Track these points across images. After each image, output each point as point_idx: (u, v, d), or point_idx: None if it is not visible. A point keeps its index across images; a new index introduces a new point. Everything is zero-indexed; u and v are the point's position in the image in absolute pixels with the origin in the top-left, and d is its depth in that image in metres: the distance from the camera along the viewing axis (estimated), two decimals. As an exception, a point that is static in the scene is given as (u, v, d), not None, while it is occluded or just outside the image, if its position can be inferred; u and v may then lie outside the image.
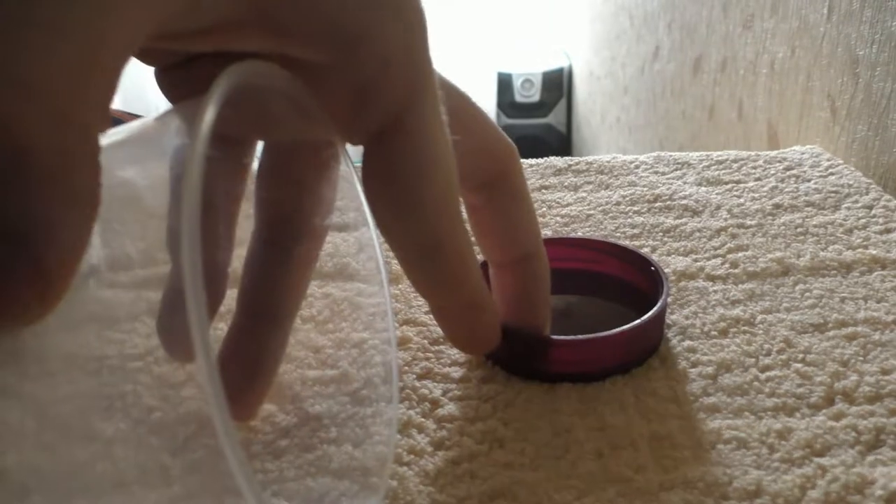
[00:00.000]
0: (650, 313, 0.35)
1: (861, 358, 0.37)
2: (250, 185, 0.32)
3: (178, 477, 0.32)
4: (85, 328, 0.43)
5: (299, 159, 0.28)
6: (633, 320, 0.35)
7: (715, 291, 0.43)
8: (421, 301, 0.44)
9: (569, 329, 0.35)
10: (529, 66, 2.43)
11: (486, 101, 2.41)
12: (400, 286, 0.45)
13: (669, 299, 0.43)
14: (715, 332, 0.39)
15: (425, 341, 0.40)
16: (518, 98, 2.46)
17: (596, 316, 0.41)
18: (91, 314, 0.44)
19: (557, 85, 2.43)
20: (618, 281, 0.41)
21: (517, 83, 2.44)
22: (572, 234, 0.44)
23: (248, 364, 0.30)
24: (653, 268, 0.39)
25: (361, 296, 0.45)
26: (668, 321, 0.41)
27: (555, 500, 0.29)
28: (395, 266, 0.48)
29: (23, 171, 0.12)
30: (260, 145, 0.30)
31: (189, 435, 0.34)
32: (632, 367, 0.36)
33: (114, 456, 0.33)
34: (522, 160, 0.65)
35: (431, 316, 0.41)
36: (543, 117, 2.48)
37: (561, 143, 2.51)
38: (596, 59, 2.03)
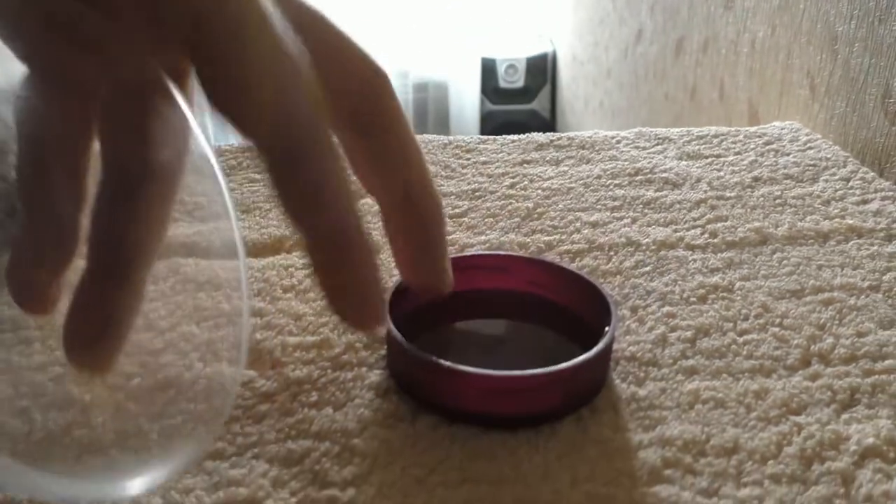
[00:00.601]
0: (596, 348, 0.31)
1: (837, 322, 0.37)
2: None
3: (156, 442, 0.31)
4: (62, 299, 0.42)
5: (123, 99, 0.27)
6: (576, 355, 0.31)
7: (694, 260, 0.43)
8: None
9: (499, 360, 0.34)
10: (513, 52, 2.42)
11: (471, 86, 2.41)
12: (381, 256, 0.45)
13: (648, 268, 0.43)
14: (694, 299, 0.40)
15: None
16: (502, 84, 2.45)
17: (534, 348, 0.37)
18: (69, 284, 0.43)
19: (542, 70, 2.43)
20: (566, 311, 0.37)
21: (501, 69, 2.44)
22: (527, 255, 0.40)
23: (99, 316, 0.29)
24: (606, 299, 0.35)
25: (342, 266, 0.44)
26: (647, 288, 0.41)
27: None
28: (377, 237, 0.48)
29: None
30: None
31: (167, 401, 0.34)
32: (565, 413, 0.31)
33: (92, 422, 0.33)
34: (505, 136, 0.65)
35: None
36: (528, 103, 2.48)
37: (545, 129, 2.50)
38: (579, 43, 2.03)
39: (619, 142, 0.63)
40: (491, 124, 2.51)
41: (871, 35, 0.60)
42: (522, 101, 2.51)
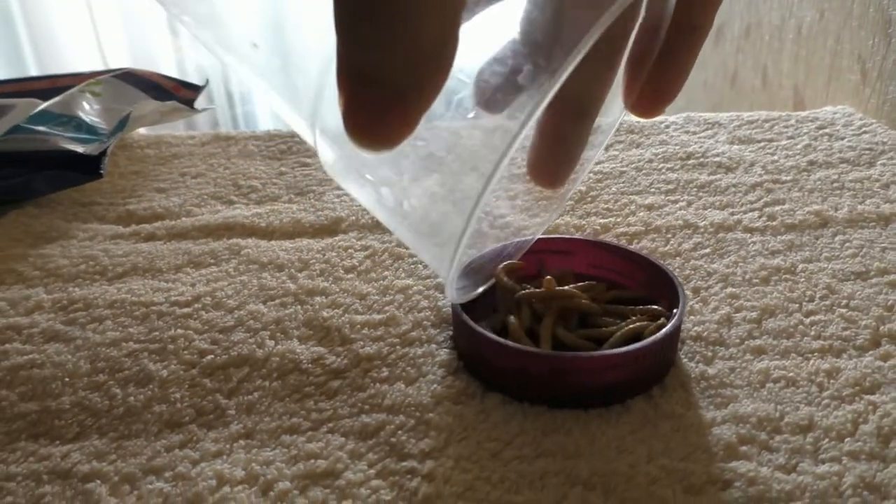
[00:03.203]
0: (665, 329, 0.32)
1: (905, 303, 0.37)
2: None
3: (235, 416, 0.32)
4: (129, 278, 0.44)
5: None
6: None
7: (754, 242, 0.43)
8: (461, 252, 0.44)
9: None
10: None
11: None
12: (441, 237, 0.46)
13: (707, 250, 0.43)
14: (756, 280, 0.40)
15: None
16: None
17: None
18: (134, 265, 0.44)
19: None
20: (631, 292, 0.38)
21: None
22: (590, 238, 0.40)
23: (561, 148, 0.31)
24: (672, 280, 0.35)
25: (401, 247, 0.45)
26: (708, 269, 0.41)
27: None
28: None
29: (412, 49, 0.18)
30: None
31: (242, 377, 0.35)
32: (635, 391, 0.32)
33: (170, 398, 0.33)
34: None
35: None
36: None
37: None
38: (611, 32, 2.02)
39: (667, 126, 0.62)
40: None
41: (928, 17, 0.59)
42: (552, 91, 2.49)
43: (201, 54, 2.39)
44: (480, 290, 0.37)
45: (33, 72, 2.01)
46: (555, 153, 0.31)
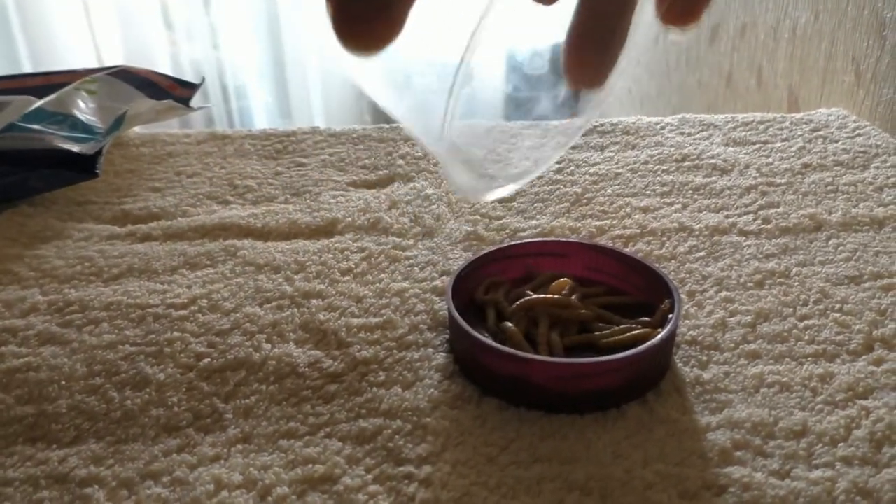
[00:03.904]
0: (660, 335, 0.32)
1: (898, 308, 0.37)
2: None
3: (233, 421, 0.32)
4: (125, 280, 0.44)
5: None
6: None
7: (748, 246, 0.43)
8: (457, 255, 0.44)
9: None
10: (539, 40, 2.41)
11: (497, 73, 2.40)
12: (435, 239, 0.46)
13: (702, 253, 0.43)
14: (751, 284, 0.40)
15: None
16: (527, 71, 2.44)
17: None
18: (130, 267, 0.44)
19: (566, 57, 2.42)
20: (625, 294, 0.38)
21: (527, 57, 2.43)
22: (584, 241, 0.40)
23: (598, 35, 0.29)
24: (667, 284, 0.35)
25: (397, 249, 0.45)
26: (703, 273, 0.41)
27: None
28: (429, 221, 0.48)
29: None
30: None
31: (239, 381, 0.35)
32: (630, 396, 0.32)
33: (167, 402, 0.33)
34: (548, 122, 0.65)
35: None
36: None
37: (569, 116, 2.50)
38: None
39: (663, 128, 0.63)
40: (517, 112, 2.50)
41: (922, 20, 0.59)
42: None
43: (196, 48, 2.38)
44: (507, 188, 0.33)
45: (27, 66, 2.00)
46: (595, 40, 0.28)
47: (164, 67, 2.37)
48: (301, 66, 2.44)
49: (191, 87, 0.65)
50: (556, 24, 0.25)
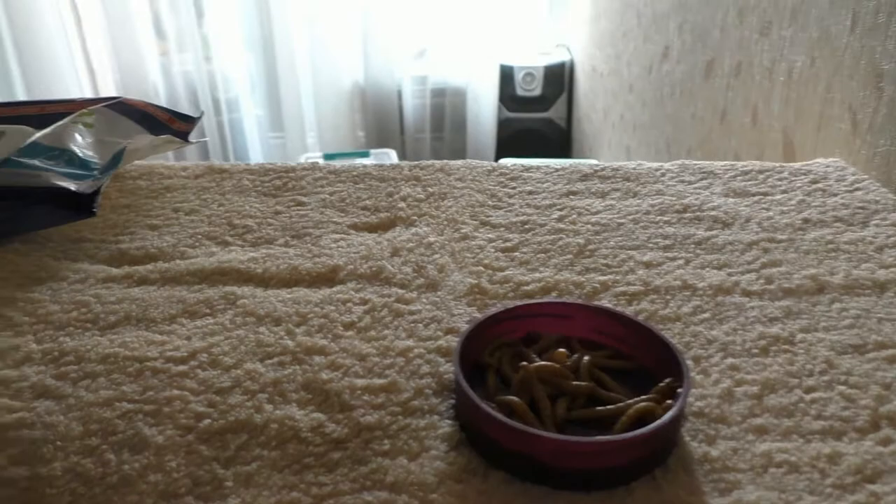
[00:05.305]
0: (670, 413, 0.32)
1: (902, 381, 0.37)
2: None
3: (233, 489, 0.31)
4: (122, 329, 0.43)
5: None
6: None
7: (752, 308, 0.43)
8: (461, 310, 0.44)
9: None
10: (531, 60, 2.42)
11: (488, 93, 2.41)
12: (439, 293, 0.45)
13: (706, 315, 0.43)
14: (756, 350, 0.40)
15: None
16: (519, 91, 2.45)
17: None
18: (127, 314, 0.43)
19: (559, 79, 2.43)
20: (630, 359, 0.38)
21: (519, 76, 2.43)
22: (591, 304, 0.39)
23: None
24: (677, 356, 0.35)
25: (400, 302, 0.44)
26: (708, 336, 0.41)
27: None
28: (432, 272, 0.48)
29: None
30: None
31: (240, 445, 0.34)
32: (639, 474, 0.32)
33: (165, 466, 0.33)
34: (535, 160, 0.65)
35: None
36: (544, 111, 2.48)
37: (561, 137, 2.51)
38: (600, 55, 2.03)
39: (663, 174, 0.63)
40: (507, 131, 2.51)
41: (920, 77, 0.60)
42: (539, 110, 2.50)
43: (188, 60, 2.37)
44: None
45: (16, 75, 1.98)
46: None
47: (156, 77, 2.36)
48: (294, 79, 2.43)
49: (189, 121, 0.65)
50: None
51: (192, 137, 0.64)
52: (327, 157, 2.05)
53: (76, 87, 2.19)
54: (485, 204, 0.58)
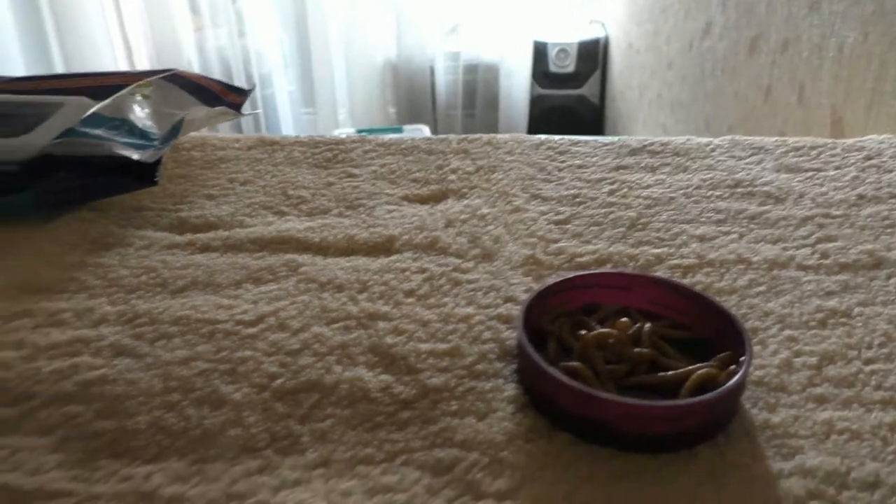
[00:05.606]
0: (734, 379, 0.33)
1: (963, 355, 0.37)
2: None
3: (310, 444, 0.33)
4: (190, 293, 0.44)
5: None
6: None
7: (808, 282, 0.44)
8: (518, 280, 0.44)
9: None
10: (565, 36, 2.39)
11: (521, 69, 2.39)
12: (495, 263, 0.46)
13: (762, 288, 0.43)
14: (814, 323, 0.40)
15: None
16: (552, 68, 2.43)
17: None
18: (194, 279, 0.45)
19: (592, 56, 2.40)
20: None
21: (552, 53, 2.41)
22: (649, 275, 0.40)
23: None
24: (736, 324, 0.36)
25: (458, 271, 0.45)
26: (765, 309, 0.41)
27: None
28: (488, 243, 0.48)
29: None
30: None
31: (313, 404, 0.35)
32: (702, 438, 0.33)
33: (244, 421, 0.34)
34: (574, 136, 0.65)
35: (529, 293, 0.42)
36: (577, 88, 2.46)
37: (594, 114, 2.48)
38: (637, 31, 2.00)
39: (713, 150, 0.63)
40: (539, 108, 2.49)
41: (981, 52, 0.59)
42: (572, 87, 2.48)
43: (220, 35, 2.38)
44: None
45: (55, 49, 2.01)
46: None
47: (190, 52, 2.38)
48: (326, 55, 2.44)
49: (242, 93, 0.66)
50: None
51: (245, 110, 0.66)
52: (360, 132, 2.06)
53: (111, 61, 2.22)
54: (534, 177, 0.59)
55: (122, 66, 2.27)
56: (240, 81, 2.39)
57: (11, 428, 0.34)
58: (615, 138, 0.66)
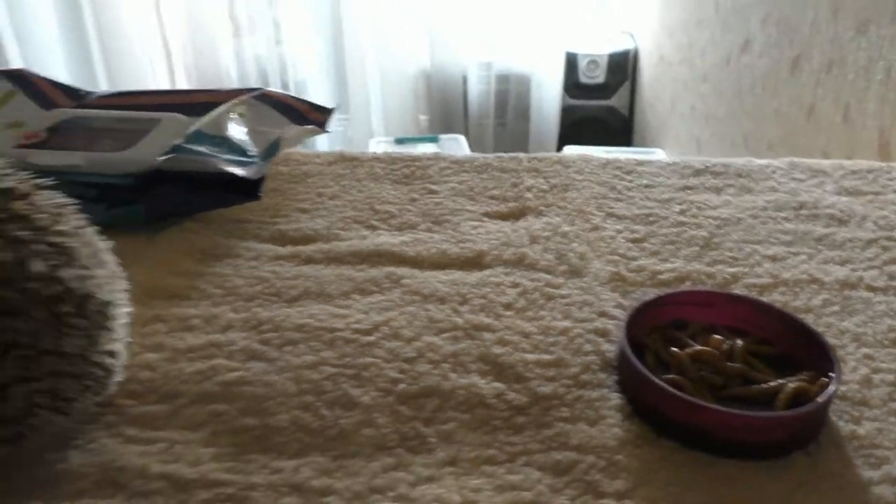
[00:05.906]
0: (827, 391, 0.36)
1: None
2: None
3: (437, 444, 0.36)
4: (305, 302, 0.48)
5: None
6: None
7: (879, 303, 0.47)
8: (607, 296, 0.48)
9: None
10: (595, 47, 2.43)
11: (553, 80, 2.43)
12: (584, 279, 0.50)
13: (836, 307, 0.47)
14: (888, 342, 0.43)
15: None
16: (582, 79, 2.46)
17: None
18: (305, 290, 0.49)
19: (622, 67, 2.43)
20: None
21: (582, 63, 2.45)
22: (732, 293, 0.44)
23: None
24: (819, 340, 0.39)
25: (550, 286, 0.49)
26: (840, 327, 0.45)
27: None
28: (574, 260, 0.52)
29: None
30: None
31: (435, 408, 0.39)
32: (795, 447, 0.36)
33: (375, 422, 0.38)
34: (616, 149, 0.68)
35: (621, 310, 0.45)
36: (606, 99, 2.49)
37: (623, 125, 2.52)
38: (669, 43, 2.03)
39: (773, 172, 0.66)
40: (569, 118, 2.53)
41: None
42: (601, 97, 2.51)
43: (258, 42, 2.44)
44: None
45: (98, 59, 2.07)
46: None
47: (228, 61, 2.44)
48: (360, 64, 2.49)
49: (325, 112, 0.70)
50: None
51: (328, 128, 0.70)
52: (398, 141, 2.10)
53: (150, 70, 2.27)
54: (606, 196, 0.62)
55: (162, 74, 2.33)
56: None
57: (164, 423, 0.38)
58: (678, 159, 0.69)
